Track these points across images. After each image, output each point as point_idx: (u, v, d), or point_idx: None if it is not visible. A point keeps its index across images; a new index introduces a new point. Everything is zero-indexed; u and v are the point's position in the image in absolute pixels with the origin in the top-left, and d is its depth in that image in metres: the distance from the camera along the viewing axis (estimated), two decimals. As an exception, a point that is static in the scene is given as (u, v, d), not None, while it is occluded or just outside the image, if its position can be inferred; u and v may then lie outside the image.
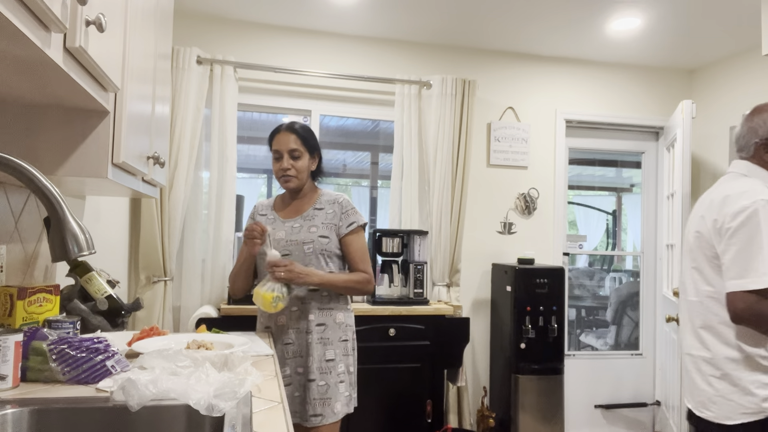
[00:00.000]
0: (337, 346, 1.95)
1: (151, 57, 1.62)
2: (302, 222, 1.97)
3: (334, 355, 1.94)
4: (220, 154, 3.17)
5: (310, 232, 1.95)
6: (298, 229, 1.96)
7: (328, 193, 2.06)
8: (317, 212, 1.99)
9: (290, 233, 1.96)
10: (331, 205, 2.00)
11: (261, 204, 2.13)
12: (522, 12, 3.13)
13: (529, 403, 3.21)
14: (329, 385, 1.91)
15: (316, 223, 1.96)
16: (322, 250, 1.94)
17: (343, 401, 1.93)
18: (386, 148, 3.71)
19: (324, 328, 1.94)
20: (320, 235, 1.94)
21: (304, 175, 1.99)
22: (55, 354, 1.22)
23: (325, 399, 1.89)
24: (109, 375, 1.24)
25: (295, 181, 1.97)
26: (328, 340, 1.94)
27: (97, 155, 1.25)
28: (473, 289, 3.65)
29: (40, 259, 1.72)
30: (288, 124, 2.00)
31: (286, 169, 1.95)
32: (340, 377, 1.94)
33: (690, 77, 4.02)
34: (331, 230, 1.97)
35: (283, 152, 1.96)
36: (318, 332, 1.93)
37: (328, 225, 1.97)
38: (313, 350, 1.91)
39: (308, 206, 2.02)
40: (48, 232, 0.93)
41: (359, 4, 3.08)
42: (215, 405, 0.98)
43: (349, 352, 2.00)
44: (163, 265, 3.04)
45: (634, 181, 4.72)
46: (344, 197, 2.04)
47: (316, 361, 1.91)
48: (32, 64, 0.89)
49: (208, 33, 3.30)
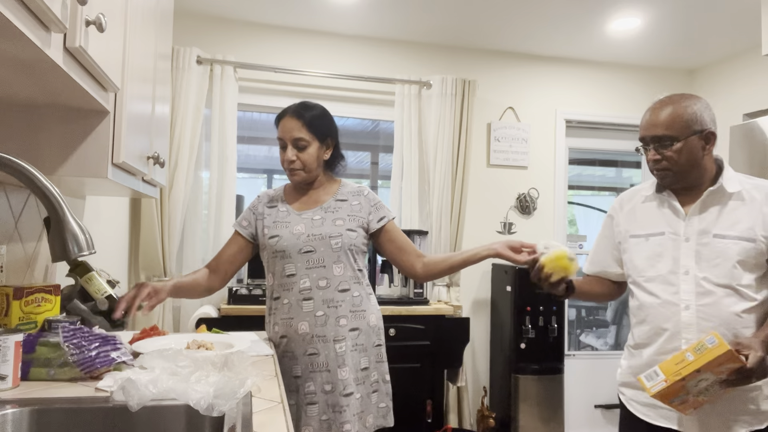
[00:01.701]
0: (371, 353, 1.73)
1: (151, 57, 1.62)
2: (323, 214, 1.73)
3: (368, 363, 1.72)
4: (220, 154, 3.17)
5: (336, 225, 1.70)
6: (320, 222, 1.71)
7: (349, 184, 1.84)
8: (341, 204, 1.76)
9: (311, 226, 1.70)
10: (356, 197, 1.78)
11: (266, 194, 1.85)
12: (522, 12, 3.13)
13: (529, 403, 3.21)
14: (362, 396, 1.69)
15: (341, 216, 1.73)
16: (350, 246, 1.71)
17: (376, 413, 1.71)
18: (386, 148, 3.71)
19: (358, 333, 1.71)
20: (348, 229, 1.71)
21: (313, 167, 1.73)
22: (67, 336, 1.23)
23: (359, 413, 1.67)
24: (114, 363, 1.26)
25: (302, 174, 1.72)
26: (362, 347, 1.71)
27: (97, 155, 1.25)
28: (473, 289, 3.65)
29: (40, 259, 1.72)
30: (295, 108, 1.73)
31: (291, 161, 1.70)
32: (373, 387, 1.72)
33: (690, 77, 4.02)
34: (358, 224, 1.74)
35: (287, 141, 1.71)
36: (352, 338, 1.70)
37: (355, 218, 1.74)
38: (348, 359, 1.67)
39: (328, 197, 1.78)
40: (48, 232, 0.93)
41: (359, 4, 3.08)
42: (215, 405, 0.98)
43: (383, 358, 1.78)
44: (163, 265, 3.04)
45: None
46: (368, 189, 1.84)
47: (352, 371, 1.68)
48: (32, 64, 0.89)
49: (208, 33, 3.30)
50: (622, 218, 1.65)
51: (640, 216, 1.60)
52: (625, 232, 1.62)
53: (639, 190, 1.65)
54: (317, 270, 1.68)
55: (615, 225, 1.67)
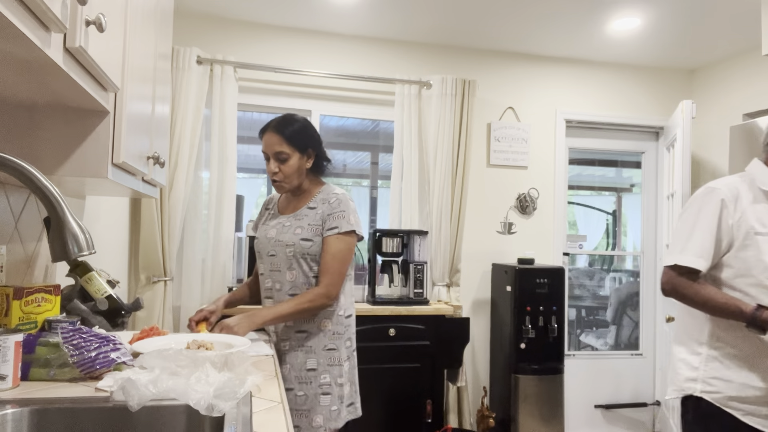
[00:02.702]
0: (321, 356, 1.81)
1: (151, 57, 1.62)
2: (292, 221, 1.85)
3: (316, 365, 1.80)
4: (220, 154, 3.17)
5: (294, 234, 1.81)
6: (287, 229, 1.84)
7: (326, 190, 1.89)
8: (309, 212, 1.85)
9: (280, 232, 1.85)
10: (323, 205, 1.84)
11: (270, 198, 2.05)
12: (522, 12, 3.13)
13: (529, 403, 3.21)
14: (308, 395, 1.78)
15: (303, 224, 1.83)
16: (303, 254, 1.80)
17: (327, 415, 1.78)
18: (386, 148, 3.71)
19: (306, 335, 1.82)
20: (303, 238, 1.80)
21: (294, 177, 1.84)
22: (66, 337, 1.23)
23: (302, 410, 1.77)
24: (114, 364, 1.26)
25: (285, 185, 1.84)
26: (309, 348, 1.81)
27: (97, 155, 1.25)
28: (473, 289, 3.65)
29: (40, 259, 1.72)
30: (275, 124, 1.83)
31: (274, 173, 1.82)
32: (323, 389, 1.79)
33: (690, 77, 4.02)
34: (315, 232, 1.81)
35: (269, 155, 1.82)
36: (298, 339, 1.81)
37: (313, 227, 1.82)
38: (290, 358, 1.80)
39: (303, 204, 1.88)
40: (48, 232, 0.93)
41: (359, 4, 3.08)
42: (215, 405, 0.98)
43: (338, 362, 1.83)
44: (163, 265, 3.04)
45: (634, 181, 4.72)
46: (339, 197, 1.85)
47: (294, 369, 1.80)
48: (32, 64, 0.89)
49: (208, 33, 3.30)
50: (746, 211, 1.58)
51: (761, 213, 1.57)
52: (750, 228, 1.56)
53: (738, 187, 1.61)
54: (276, 273, 1.86)
55: (729, 217, 1.58)
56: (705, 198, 1.61)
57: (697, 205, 1.63)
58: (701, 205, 1.61)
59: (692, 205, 1.65)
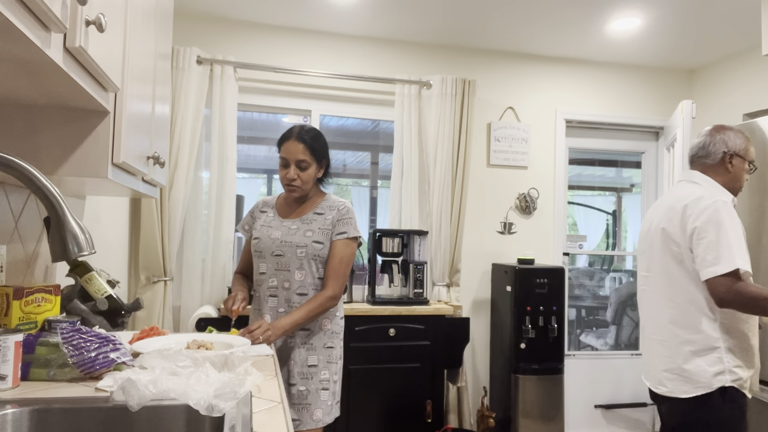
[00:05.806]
0: (321, 353, 1.94)
1: (151, 57, 1.62)
2: (300, 224, 1.96)
3: (317, 362, 1.93)
4: (220, 154, 3.17)
5: (305, 236, 1.93)
6: (295, 231, 1.95)
7: (331, 198, 2.04)
8: (317, 217, 1.98)
9: (286, 234, 1.95)
10: (331, 211, 1.99)
11: (263, 201, 2.11)
12: (522, 12, 3.13)
13: (529, 403, 3.21)
14: (309, 390, 1.90)
15: (313, 228, 1.95)
16: (314, 256, 1.93)
17: (325, 409, 1.91)
18: (386, 148, 3.71)
19: (308, 333, 1.94)
20: (314, 240, 1.93)
21: (310, 184, 1.97)
22: (66, 338, 1.23)
23: (304, 405, 1.89)
24: (114, 364, 1.26)
25: (300, 191, 1.96)
26: (311, 346, 1.93)
27: (97, 155, 1.25)
28: (473, 289, 3.65)
29: (40, 259, 1.72)
30: (298, 132, 1.95)
31: (292, 179, 1.93)
32: (323, 384, 1.92)
33: (690, 77, 4.02)
34: (326, 236, 1.96)
35: (290, 161, 1.93)
36: (301, 337, 1.93)
37: (324, 230, 1.96)
38: (294, 354, 1.92)
39: (309, 210, 2.00)
40: (48, 232, 0.93)
41: (359, 4, 3.08)
42: (215, 405, 0.98)
43: (334, 360, 1.97)
44: (163, 265, 3.04)
45: (634, 181, 4.72)
46: (346, 206, 2.01)
47: (297, 365, 1.91)
48: (32, 64, 0.89)
49: (208, 33, 3.30)
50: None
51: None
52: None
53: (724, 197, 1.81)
54: (283, 273, 1.94)
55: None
56: (726, 209, 1.74)
57: (723, 215, 1.73)
58: (727, 216, 1.73)
59: (717, 217, 1.74)
